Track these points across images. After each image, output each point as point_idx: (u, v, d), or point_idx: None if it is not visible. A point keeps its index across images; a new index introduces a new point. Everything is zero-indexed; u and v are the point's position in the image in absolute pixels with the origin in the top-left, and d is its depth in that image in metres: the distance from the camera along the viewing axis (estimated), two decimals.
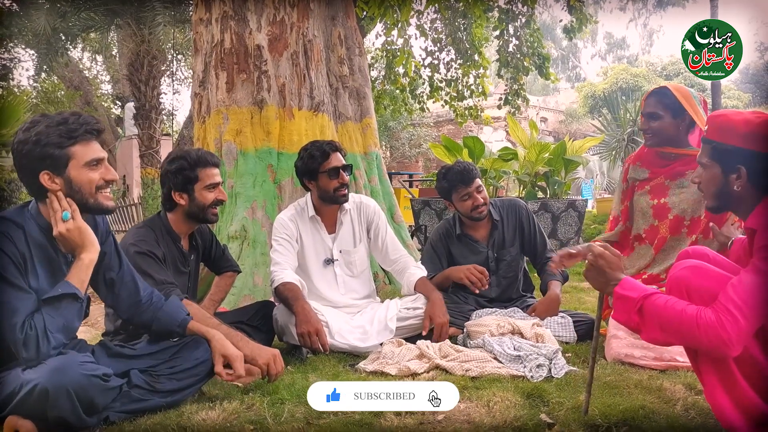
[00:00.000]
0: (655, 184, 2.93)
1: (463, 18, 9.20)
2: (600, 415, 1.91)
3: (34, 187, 1.87)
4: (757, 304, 1.48)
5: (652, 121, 2.88)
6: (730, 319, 1.47)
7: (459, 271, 3.15)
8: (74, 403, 1.71)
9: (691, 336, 1.54)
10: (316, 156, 3.01)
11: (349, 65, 4.93)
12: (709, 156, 1.69)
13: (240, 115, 4.41)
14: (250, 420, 1.95)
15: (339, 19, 4.93)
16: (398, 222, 4.82)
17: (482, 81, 9.89)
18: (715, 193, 1.70)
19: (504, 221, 3.32)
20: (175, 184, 2.61)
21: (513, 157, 6.35)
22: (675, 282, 1.69)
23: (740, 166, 1.62)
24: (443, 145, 6.39)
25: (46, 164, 1.83)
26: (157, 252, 2.53)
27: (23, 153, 1.83)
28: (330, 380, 2.35)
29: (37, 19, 9.42)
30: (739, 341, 1.48)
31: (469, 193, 3.18)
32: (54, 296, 1.82)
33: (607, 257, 1.72)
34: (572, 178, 6.93)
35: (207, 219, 2.67)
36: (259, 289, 3.89)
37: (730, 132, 1.63)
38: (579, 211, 5.91)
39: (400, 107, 10.87)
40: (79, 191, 1.88)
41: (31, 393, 1.68)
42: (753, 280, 1.50)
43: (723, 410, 1.60)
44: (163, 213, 2.70)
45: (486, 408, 2.03)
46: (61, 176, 1.86)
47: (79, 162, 1.87)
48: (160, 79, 11.95)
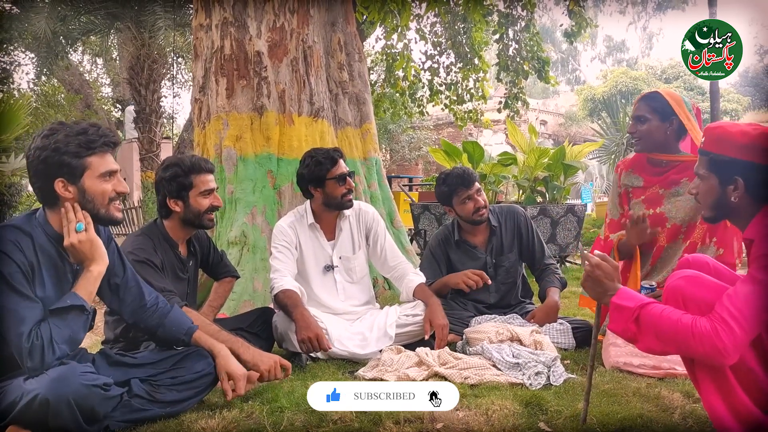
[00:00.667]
0: (650, 194, 2.92)
1: (463, 22, 9.21)
2: (598, 424, 1.92)
3: (46, 193, 1.89)
4: (752, 313, 1.49)
5: (639, 124, 2.87)
6: (725, 329, 1.49)
7: (456, 277, 3.19)
8: (75, 413, 1.72)
9: (686, 345, 1.55)
10: (324, 162, 3.01)
11: (349, 71, 4.95)
12: (706, 167, 1.70)
13: (240, 120, 4.43)
14: (250, 428, 1.96)
15: (339, 24, 4.95)
16: (397, 227, 4.84)
17: (482, 84, 9.90)
18: (712, 204, 1.72)
19: (502, 227, 3.33)
20: (169, 191, 2.62)
21: (512, 162, 6.37)
22: (671, 291, 1.70)
23: (738, 178, 1.63)
24: (443, 150, 6.41)
25: (62, 172, 1.86)
26: (155, 260, 2.54)
27: (40, 159, 1.85)
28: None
29: (37, 23, 9.43)
30: (734, 350, 1.49)
31: (470, 195, 3.19)
32: (62, 307, 1.83)
33: (604, 267, 1.74)
34: (571, 183, 6.94)
35: (203, 225, 2.68)
36: (259, 294, 3.90)
37: (728, 143, 1.65)
38: (578, 216, 5.92)
39: (400, 110, 10.88)
40: (92, 201, 1.91)
41: (32, 403, 1.69)
42: (749, 290, 1.52)
43: (720, 418, 1.61)
44: (159, 220, 2.71)
45: (484, 416, 2.04)
46: (75, 185, 1.88)
47: (95, 173, 1.90)
48: (160, 82, 11.95)
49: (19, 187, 9.57)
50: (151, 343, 2.42)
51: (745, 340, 1.50)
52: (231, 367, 2.12)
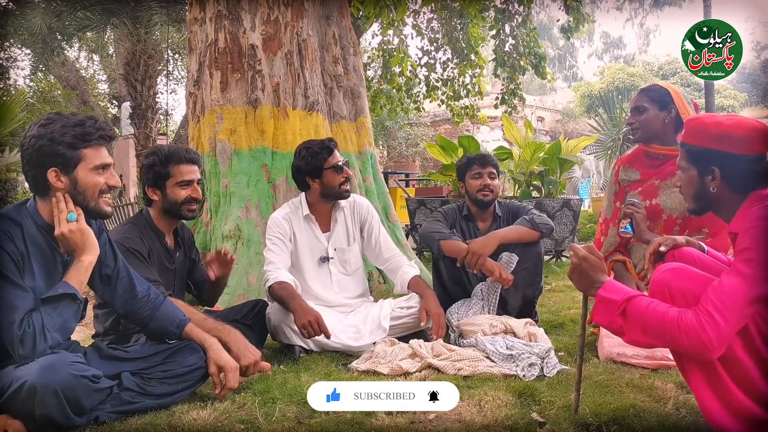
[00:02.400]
0: (647, 186, 2.92)
1: (460, 17, 9.20)
2: (591, 414, 1.91)
3: (38, 183, 1.89)
4: (737, 306, 1.50)
5: (638, 114, 2.89)
6: (710, 321, 1.49)
7: (491, 263, 3.01)
8: (62, 402, 1.71)
9: (672, 338, 1.55)
10: (321, 152, 3.01)
11: (344, 64, 4.93)
12: (686, 159, 1.75)
13: (234, 114, 4.41)
14: (241, 420, 1.95)
15: (333, 18, 4.93)
16: (393, 221, 4.82)
17: (479, 80, 9.89)
18: (693, 195, 1.75)
19: (503, 219, 3.35)
20: (147, 179, 2.62)
21: (508, 157, 6.36)
22: (657, 284, 1.70)
23: (714, 168, 1.67)
24: (438, 145, 6.40)
25: (56, 162, 1.86)
26: (141, 249, 2.52)
27: (35, 147, 1.85)
28: (322, 379, 2.36)
29: (32, 18, 9.39)
30: (719, 343, 1.50)
31: (481, 173, 3.30)
32: (53, 296, 1.83)
33: (591, 260, 1.74)
34: (567, 177, 6.94)
35: (182, 215, 2.65)
36: (253, 288, 3.89)
37: (703, 134, 1.69)
38: (574, 210, 5.91)
39: (397, 107, 10.87)
40: (83, 193, 1.91)
41: (20, 390, 1.69)
42: (733, 282, 1.52)
43: (710, 411, 1.61)
44: (145, 210, 2.70)
45: (478, 407, 2.04)
46: (68, 176, 1.89)
47: (88, 165, 1.91)
48: (156, 78, 11.92)
49: (14, 182, 9.53)
50: (141, 336, 2.41)
51: (730, 332, 1.51)
52: (222, 360, 2.11)
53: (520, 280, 3.07)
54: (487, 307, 3.05)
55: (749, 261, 1.52)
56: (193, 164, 2.65)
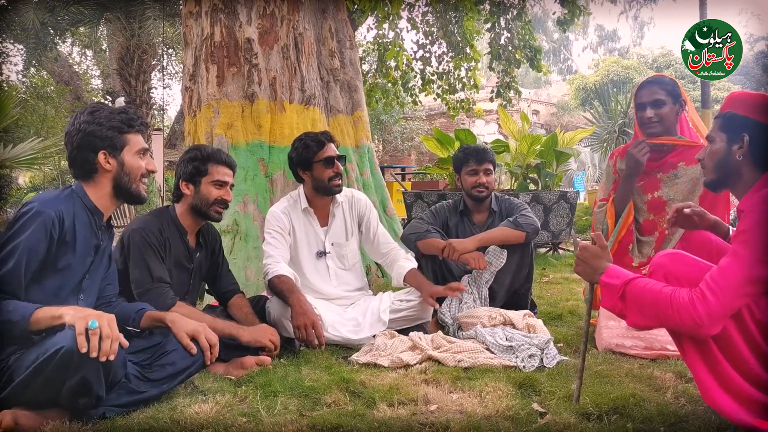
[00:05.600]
0: (648, 179, 2.92)
1: (455, 11, 9.17)
2: (591, 404, 1.93)
3: (86, 166, 2.02)
4: (730, 286, 1.53)
5: (656, 108, 2.81)
6: (701, 299, 1.54)
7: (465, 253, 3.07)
8: (97, 365, 1.72)
9: (666, 316, 1.60)
10: (311, 145, 3.02)
11: (340, 58, 4.92)
12: (718, 128, 1.79)
13: (231, 108, 4.40)
14: (243, 413, 1.95)
15: (329, 12, 4.92)
16: (390, 215, 4.83)
17: (474, 74, 9.88)
18: (716, 164, 1.78)
19: (499, 215, 3.34)
20: (184, 173, 2.67)
21: (504, 150, 6.37)
22: (655, 268, 1.77)
23: (744, 134, 1.70)
24: (435, 138, 6.39)
25: (105, 144, 2.02)
26: (156, 240, 2.55)
27: (87, 132, 2.00)
28: (323, 372, 2.37)
29: (25, 13, 9.34)
30: (709, 321, 1.53)
31: (476, 169, 3.30)
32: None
33: (591, 249, 1.81)
34: (564, 170, 6.95)
35: (209, 215, 2.67)
36: (252, 283, 3.89)
37: (742, 102, 1.74)
38: (570, 202, 5.93)
39: (392, 101, 10.85)
40: (129, 174, 2.06)
41: (53, 357, 1.67)
42: (728, 263, 1.57)
43: (707, 389, 1.64)
44: (172, 206, 2.74)
45: (478, 398, 2.05)
46: (116, 158, 2.04)
47: (133, 148, 2.08)
48: (150, 73, 11.88)
49: (8, 179, 9.47)
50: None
51: (721, 311, 1.54)
52: (189, 327, 2.12)
53: (505, 272, 3.11)
54: (477, 299, 3.07)
55: (746, 242, 1.56)
56: (230, 168, 2.73)
